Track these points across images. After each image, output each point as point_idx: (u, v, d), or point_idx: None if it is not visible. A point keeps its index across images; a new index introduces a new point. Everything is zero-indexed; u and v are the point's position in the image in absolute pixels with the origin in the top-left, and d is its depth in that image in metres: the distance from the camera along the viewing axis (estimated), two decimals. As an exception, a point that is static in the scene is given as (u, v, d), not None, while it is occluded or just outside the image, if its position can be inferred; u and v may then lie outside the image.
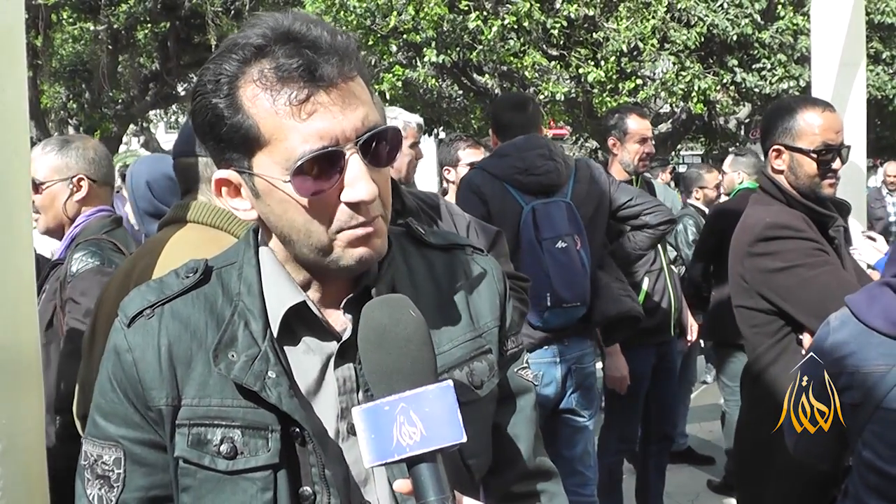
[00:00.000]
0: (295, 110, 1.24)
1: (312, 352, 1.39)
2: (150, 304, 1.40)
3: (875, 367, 1.98)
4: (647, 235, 4.45)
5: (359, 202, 1.27)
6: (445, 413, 1.17)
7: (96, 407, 1.41)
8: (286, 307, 1.37)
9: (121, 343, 1.38)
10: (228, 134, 1.29)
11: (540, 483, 1.60)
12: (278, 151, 1.26)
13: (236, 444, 1.32)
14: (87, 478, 1.41)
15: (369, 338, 1.22)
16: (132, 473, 1.38)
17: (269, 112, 1.25)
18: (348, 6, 13.56)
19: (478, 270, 1.56)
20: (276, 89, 1.24)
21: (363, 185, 1.26)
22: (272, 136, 1.26)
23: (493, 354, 1.51)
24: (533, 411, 1.60)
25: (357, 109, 1.27)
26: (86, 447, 1.42)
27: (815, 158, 2.99)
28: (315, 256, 1.34)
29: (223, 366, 1.32)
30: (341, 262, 1.33)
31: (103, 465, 1.39)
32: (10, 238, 1.98)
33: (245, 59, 1.27)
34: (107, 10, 16.62)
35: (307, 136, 1.24)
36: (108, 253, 3.00)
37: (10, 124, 2.00)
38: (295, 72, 1.23)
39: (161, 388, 1.35)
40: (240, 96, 1.27)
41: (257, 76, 1.25)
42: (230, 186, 1.36)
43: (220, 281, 1.42)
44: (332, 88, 1.25)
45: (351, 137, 1.26)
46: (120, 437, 1.38)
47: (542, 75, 14.04)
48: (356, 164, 1.27)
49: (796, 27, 14.10)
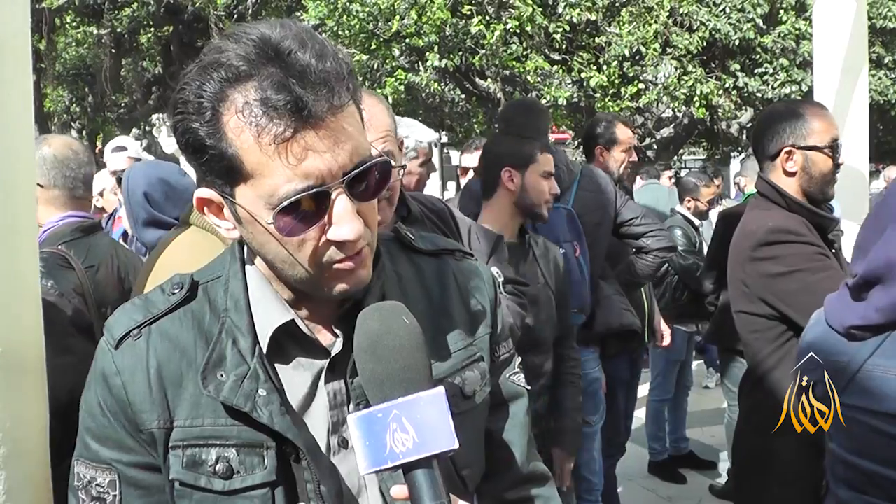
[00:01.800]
0: (280, 149, 1.18)
1: (302, 368, 1.37)
2: (136, 325, 1.36)
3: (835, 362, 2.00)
4: (646, 264, 4.46)
5: (344, 242, 1.25)
6: (438, 420, 1.17)
7: (86, 430, 1.38)
8: (274, 326, 1.35)
9: (108, 366, 1.35)
10: (211, 161, 1.24)
11: (534, 488, 1.60)
12: (262, 187, 1.21)
13: (232, 463, 1.30)
14: (83, 498, 1.37)
15: (362, 345, 1.21)
16: (128, 496, 1.35)
17: (253, 147, 1.19)
18: (351, 10, 13.56)
19: (468, 276, 1.55)
20: (262, 125, 1.18)
21: (349, 224, 1.23)
22: (255, 170, 1.20)
23: (485, 362, 1.50)
24: (526, 416, 1.59)
25: (345, 145, 1.21)
26: (78, 469, 1.38)
27: (829, 154, 3.03)
28: (299, 285, 1.33)
29: (212, 387, 1.30)
30: (325, 293, 1.31)
31: (98, 488, 1.35)
32: (14, 241, 1.99)
33: (228, 80, 1.20)
34: (110, 14, 16.65)
35: (292, 176, 1.19)
36: (51, 269, 2.84)
37: (16, 130, 2.00)
38: (282, 109, 1.17)
39: (152, 410, 1.32)
40: (223, 123, 1.21)
41: (242, 106, 1.19)
42: (212, 205, 1.33)
43: (207, 296, 1.39)
44: (319, 125, 1.19)
45: (338, 175, 1.21)
46: (113, 461, 1.35)
47: (545, 80, 14.05)
48: (342, 203, 1.23)
49: (798, 32, 14.11)
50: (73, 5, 16.26)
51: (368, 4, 13.45)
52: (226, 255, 1.45)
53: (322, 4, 13.86)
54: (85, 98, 19.44)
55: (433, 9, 13.05)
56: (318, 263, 1.28)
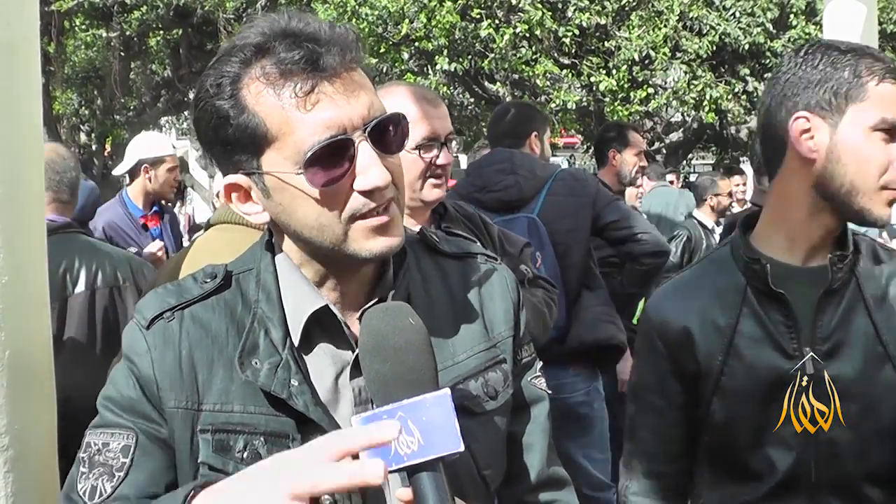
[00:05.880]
0: (300, 102, 1.24)
1: (329, 360, 1.39)
2: (169, 307, 1.39)
3: None
4: (630, 272, 4.19)
5: (373, 189, 1.27)
6: (443, 422, 1.16)
7: (108, 400, 1.38)
8: (307, 314, 1.37)
9: (139, 344, 1.37)
10: (235, 135, 1.28)
11: (553, 492, 1.60)
12: (287, 146, 1.26)
13: (260, 451, 1.32)
14: (83, 471, 1.35)
15: (367, 345, 1.22)
16: (138, 465, 1.34)
17: (274, 107, 1.25)
18: (360, 14, 13.60)
19: (491, 279, 1.55)
20: (280, 83, 1.25)
21: (376, 171, 1.26)
22: (280, 130, 1.26)
23: (508, 364, 1.50)
24: (547, 420, 1.59)
25: (362, 97, 1.27)
26: (90, 438, 1.37)
27: None
28: (331, 251, 1.33)
29: (249, 372, 1.32)
30: (359, 254, 1.32)
31: (107, 454, 1.34)
32: (23, 244, 1.99)
33: (246, 59, 1.27)
34: (119, 17, 16.68)
35: (315, 127, 1.24)
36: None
37: (25, 133, 2.01)
38: (297, 64, 1.24)
39: (180, 390, 1.34)
40: (244, 95, 1.27)
41: (259, 73, 1.26)
42: (240, 191, 1.36)
43: (240, 287, 1.42)
44: (335, 78, 1.25)
45: (358, 125, 1.26)
46: (134, 424, 1.35)
47: (554, 84, 14.05)
48: (367, 151, 1.27)
49: (809, 36, 14.05)
50: (82, 8, 16.30)
51: (377, 8, 13.49)
52: (256, 247, 1.47)
53: (331, 8, 13.89)
54: (94, 101, 19.47)
55: (442, 12, 13.07)
56: (348, 217, 1.29)
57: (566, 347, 3.79)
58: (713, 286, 1.95)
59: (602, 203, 3.97)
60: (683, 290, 2.02)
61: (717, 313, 1.91)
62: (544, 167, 4.00)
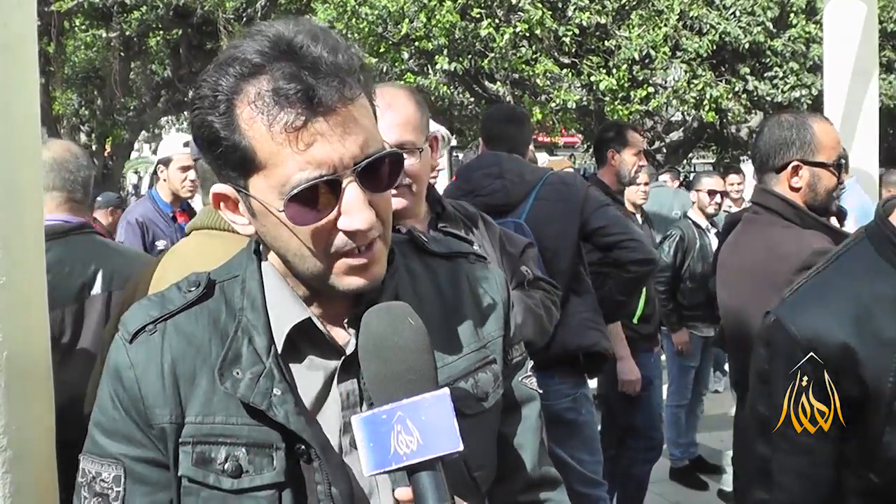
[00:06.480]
0: (291, 137, 1.20)
1: (316, 367, 1.38)
2: (152, 320, 1.37)
3: None
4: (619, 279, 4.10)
5: (355, 231, 1.26)
6: (442, 421, 1.16)
7: (96, 424, 1.38)
8: (291, 324, 1.36)
9: (122, 360, 1.36)
10: (225, 153, 1.26)
11: (545, 492, 1.60)
12: (274, 176, 1.23)
13: (241, 462, 1.30)
14: (85, 496, 1.37)
15: (367, 346, 1.21)
16: (132, 492, 1.34)
17: (265, 136, 1.22)
18: (360, 13, 13.60)
19: (481, 279, 1.55)
20: (273, 114, 1.20)
21: (360, 215, 1.24)
22: (268, 160, 1.23)
23: (498, 364, 1.50)
24: (538, 420, 1.59)
25: (357, 135, 1.24)
26: (84, 464, 1.38)
27: (834, 172, 2.94)
28: (311, 279, 1.33)
29: (229, 384, 1.31)
30: (337, 287, 1.32)
31: (102, 483, 1.35)
32: (21, 244, 1.99)
33: (242, 75, 1.23)
34: (119, 17, 16.70)
35: (303, 164, 1.21)
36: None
37: (23, 133, 2.01)
38: (293, 97, 1.19)
39: (164, 405, 1.32)
40: (237, 115, 1.23)
41: (254, 97, 1.22)
42: (228, 201, 1.35)
43: (223, 295, 1.40)
44: (330, 114, 1.21)
45: (349, 165, 1.23)
46: (120, 455, 1.35)
47: (554, 83, 14.04)
48: (354, 192, 1.24)
49: (809, 35, 14.06)
50: (82, 8, 16.31)
51: (377, 7, 13.48)
52: (242, 255, 1.46)
53: (331, 7, 13.91)
54: (94, 101, 19.50)
55: (442, 12, 13.07)
56: (329, 255, 1.28)
57: (550, 353, 3.67)
58: (867, 291, 1.70)
59: (590, 209, 3.91)
60: (825, 297, 1.76)
61: (879, 324, 1.65)
62: (533, 171, 3.96)
